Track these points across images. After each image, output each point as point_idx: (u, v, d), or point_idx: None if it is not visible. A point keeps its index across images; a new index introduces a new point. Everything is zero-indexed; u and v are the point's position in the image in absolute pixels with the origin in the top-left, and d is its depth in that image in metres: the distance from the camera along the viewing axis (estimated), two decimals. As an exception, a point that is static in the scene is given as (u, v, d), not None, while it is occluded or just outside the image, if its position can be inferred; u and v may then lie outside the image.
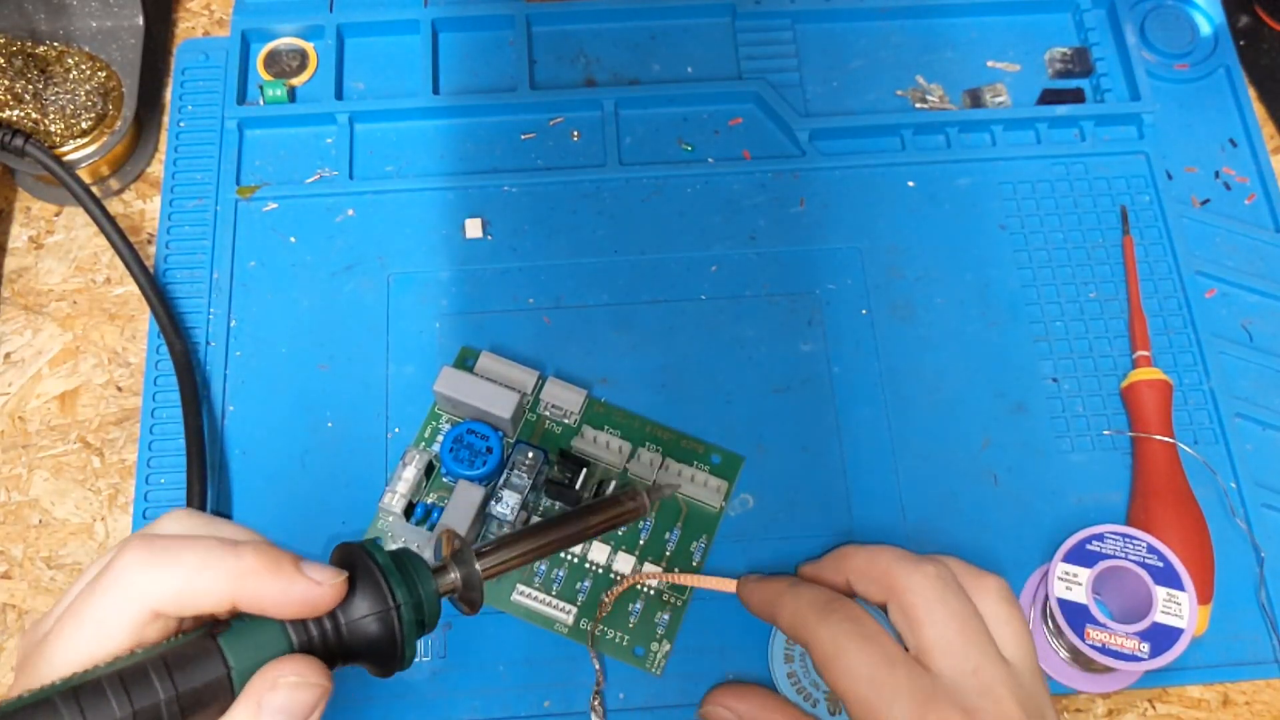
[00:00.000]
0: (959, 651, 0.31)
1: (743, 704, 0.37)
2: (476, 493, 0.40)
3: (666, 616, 0.41)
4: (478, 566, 0.30)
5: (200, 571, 0.24)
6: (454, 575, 0.30)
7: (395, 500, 0.40)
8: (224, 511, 0.43)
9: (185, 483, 0.42)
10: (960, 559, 0.35)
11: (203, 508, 0.41)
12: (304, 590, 0.25)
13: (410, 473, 0.41)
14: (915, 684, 0.30)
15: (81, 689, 0.22)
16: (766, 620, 0.37)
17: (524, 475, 0.40)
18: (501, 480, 0.40)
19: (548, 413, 0.44)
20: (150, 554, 0.24)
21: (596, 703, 0.39)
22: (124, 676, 0.23)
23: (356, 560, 0.27)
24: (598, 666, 0.40)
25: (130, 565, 0.24)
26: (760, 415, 0.44)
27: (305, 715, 0.24)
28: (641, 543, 0.42)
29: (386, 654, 0.27)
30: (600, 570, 0.41)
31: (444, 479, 0.42)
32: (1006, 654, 0.32)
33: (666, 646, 0.41)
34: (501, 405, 0.42)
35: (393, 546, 0.32)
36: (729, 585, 0.39)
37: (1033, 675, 0.32)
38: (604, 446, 0.42)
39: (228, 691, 0.24)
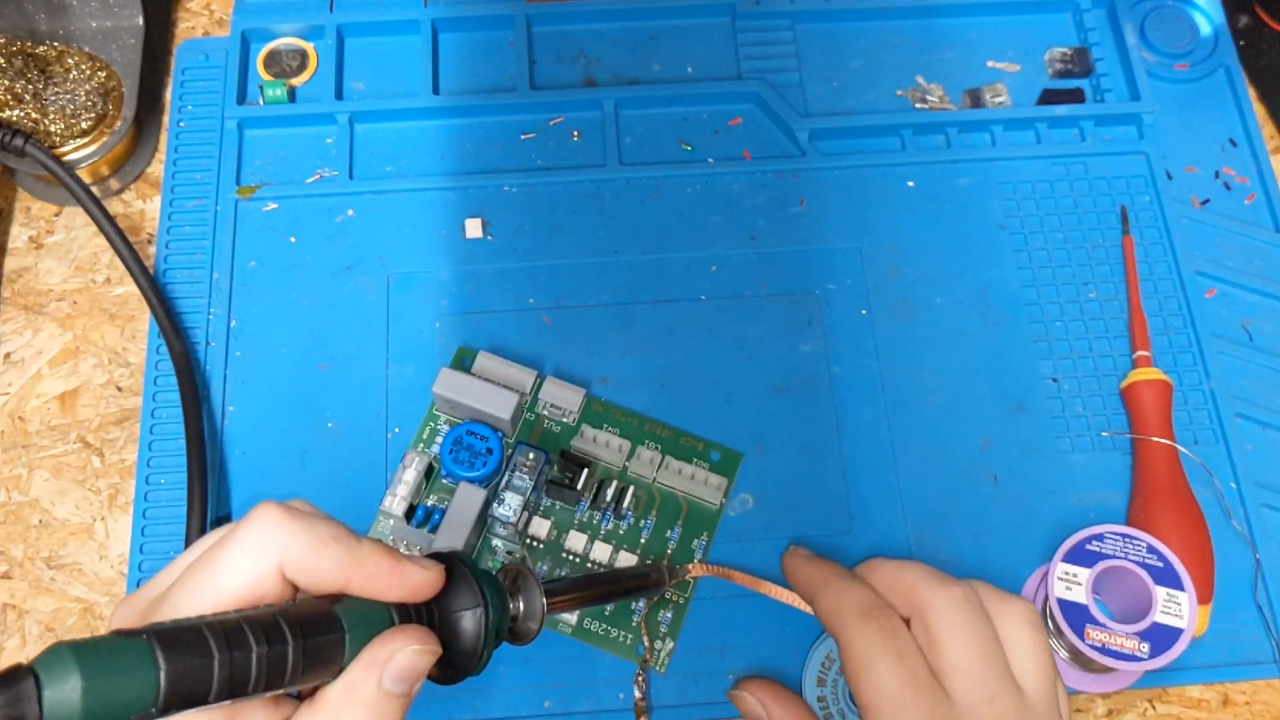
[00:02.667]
0: (977, 678, 0.31)
1: (777, 705, 0.36)
2: (478, 495, 0.40)
3: (669, 615, 0.41)
4: (543, 599, 0.31)
5: (330, 544, 0.26)
6: (518, 602, 0.31)
7: (396, 504, 0.40)
8: (224, 512, 0.43)
9: (185, 483, 0.42)
10: (987, 582, 0.34)
11: (203, 508, 0.41)
12: (413, 573, 0.27)
13: (410, 475, 0.41)
14: (934, 711, 0.30)
15: (223, 623, 0.23)
16: (804, 599, 0.37)
17: (525, 476, 0.40)
18: (503, 482, 0.40)
19: (546, 412, 0.44)
20: (288, 518, 0.25)
21: (641, 679, 0.40)
22: (260, 619, 0.24)
23: (450, 563, 0.29)
24: (647, 644, 0.40)
25: (268, 522, 0.25)
26: (760, 415, 0.44)
27: (417, 680, 0.26)
28: (643, 541, 0.42)
29: (468, 652, 0.28)
30: (602, 569, 0.41)
31: (444, 481, 0.42)
32: (1024, 684, 0.32)
33: (670, 645, 0.41)
34: (500, 406, 0.41)
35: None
36: (789, 597, 0.39)
37: (1048, 706, 0.32)
38: (604, 445, 0.42)
39: (340, 655, 0.25)
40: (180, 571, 0.26)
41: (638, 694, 0.40)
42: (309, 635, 0.24)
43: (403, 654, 0.26)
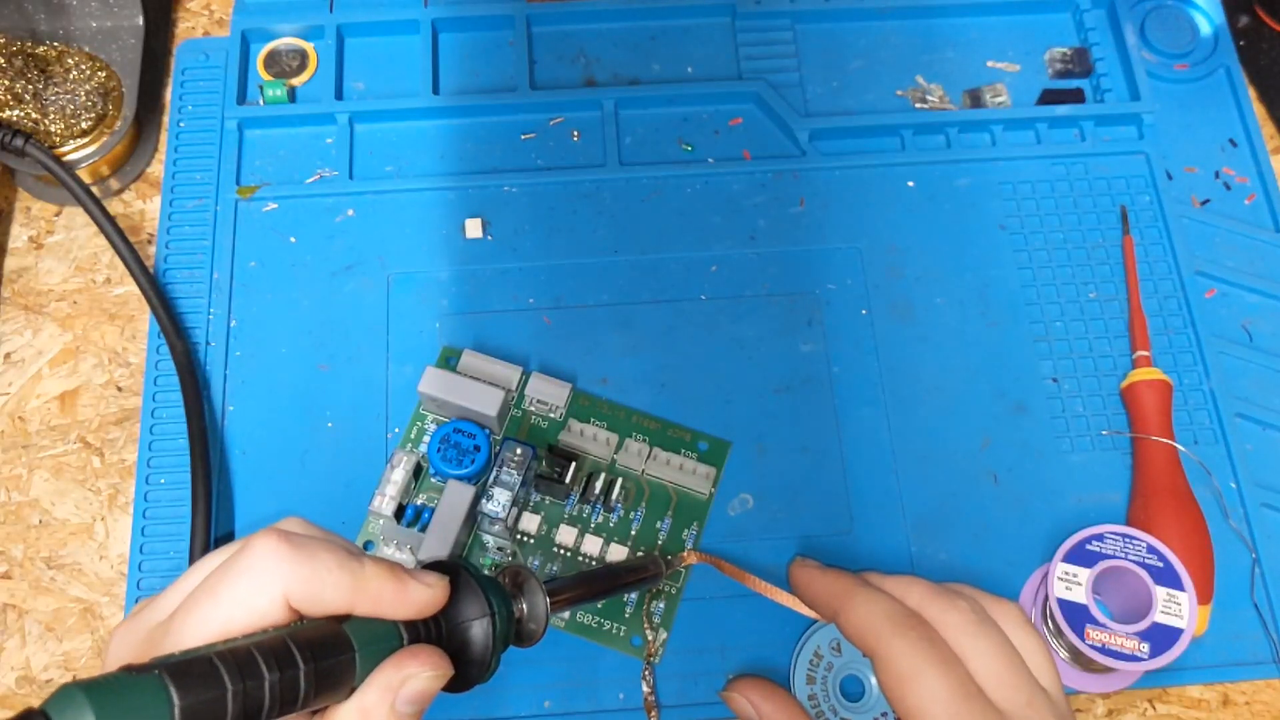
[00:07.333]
0: (1011, 684, 0.31)
1: (768, 704, 0.36)
2: (466, 492, 0.40)
3: (661, 605, 0.41)
4: (546, 600, 0.31)
5: (333, 570, 0.26)
6: (521, 604, 0.31)
7: (385, 503, 0.40)
8: (224, 512, 0.43)
9: (185, 483, 0.42)
10: (974, 586, 0.34)
11: (207, 507, 0.41)
12: (419, 592, 0.27)
13: (399, 475, 0.41)
14: (987, 718, 0.30)
15: (234, 652, 0.23)
16: (823, 614, 0.36)
17: (514, 472, 0.40)
18: (491, 478, 0.40)
19: (533, 408, 0.44)
20: (290, 548, 0.25)
21: (648, 674, 0.40)
22: (271, 645, 0.24)
23: (455, 572, 0.29)
24: (650, 637, 0.40)
25: (270, 553, 0.25)
26: (760, 415, 0.44)
27: (428, 702, 0.26)
28: (634, 532, 0.42)
29: (477, 661, 0.28)
30: (594, 563, 0.41)
31: (433, 479, 0.42)
32: (1042, 682, 0.32)
33: (664, 635, 0.41)
34: (487, 403, 0.41)
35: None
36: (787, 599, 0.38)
37: (1064, 700, 0.32)
38: (591, 439, 0.42)
39: (351, 675, 0.25)
40: (181, 599, 0.26)
41: (646, 689, 0.40)
42: (320, 658, 0.24)
43: (416, 679, 0.26)
